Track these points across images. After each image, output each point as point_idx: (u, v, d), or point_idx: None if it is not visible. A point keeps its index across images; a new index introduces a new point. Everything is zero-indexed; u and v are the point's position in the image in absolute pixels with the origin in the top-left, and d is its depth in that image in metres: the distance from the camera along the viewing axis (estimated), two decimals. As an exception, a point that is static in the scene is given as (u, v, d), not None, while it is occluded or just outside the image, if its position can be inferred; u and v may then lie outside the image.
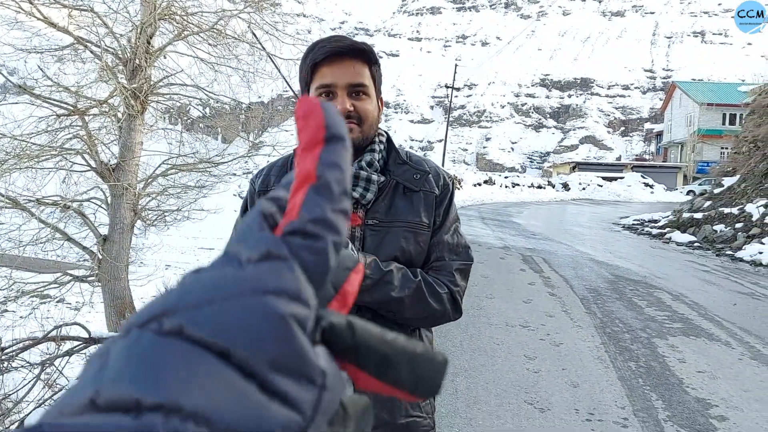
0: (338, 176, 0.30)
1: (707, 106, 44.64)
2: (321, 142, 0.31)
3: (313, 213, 0.29)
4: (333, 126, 0.31)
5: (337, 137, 0.31)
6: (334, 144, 0.31)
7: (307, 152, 0.31)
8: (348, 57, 1.39)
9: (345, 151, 0.31)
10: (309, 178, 0.30)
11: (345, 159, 0.31)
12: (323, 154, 0.30)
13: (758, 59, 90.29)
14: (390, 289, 1.34)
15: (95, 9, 9.14)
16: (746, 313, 6.83)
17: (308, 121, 0.31)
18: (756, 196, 14.51)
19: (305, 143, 0.31)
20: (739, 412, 3.91)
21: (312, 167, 0.30)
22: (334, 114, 0.32)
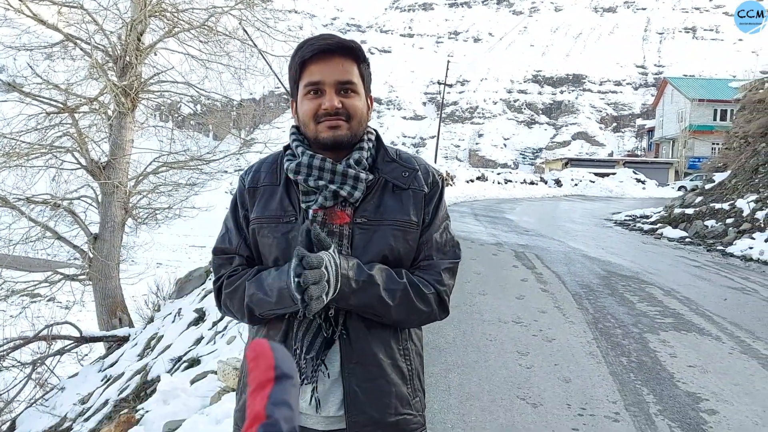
0: (287, 415, 0.31)
1: (698, 102, 44.85)
2: (271, 381, 0.32)
3: None
4: (282, 365, 0.32)
5: (286, 375, 0.32)
6: (284, 382, 0.32)
7: (257, 392, 0.32)
8: (337, 55, 1.39)
9: (294, 389, 0.32)
10: (259, 418, 0.30)
11: (293, 397, 0.32)
12: (273, 394, 0.31)
13: (749, 55, 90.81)
14: (375, 291, 1.33)
15: (85, 6, 9.10)
16: (736, 307, 6.87)
17: (258, 362, 0.33)
18: (746, 192, 14.58)
19: (256, 384, 0.32)
20: (729, 406, 3.93)
21: (261, 407, 0.31)
22: (284, 354, 0.33)
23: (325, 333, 1.38)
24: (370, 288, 1.33)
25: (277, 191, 1.47)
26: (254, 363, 0.32)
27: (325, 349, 1.38)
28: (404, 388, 1.44)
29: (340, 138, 1.40)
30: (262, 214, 1.46)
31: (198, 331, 6.81)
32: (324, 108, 1.38)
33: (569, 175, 37.45)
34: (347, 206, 1.42)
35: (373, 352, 1.39)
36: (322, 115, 1.39)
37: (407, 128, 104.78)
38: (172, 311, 8.55)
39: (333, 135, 1.40)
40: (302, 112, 1.43)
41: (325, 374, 1.38)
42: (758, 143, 16.66)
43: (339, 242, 1.39)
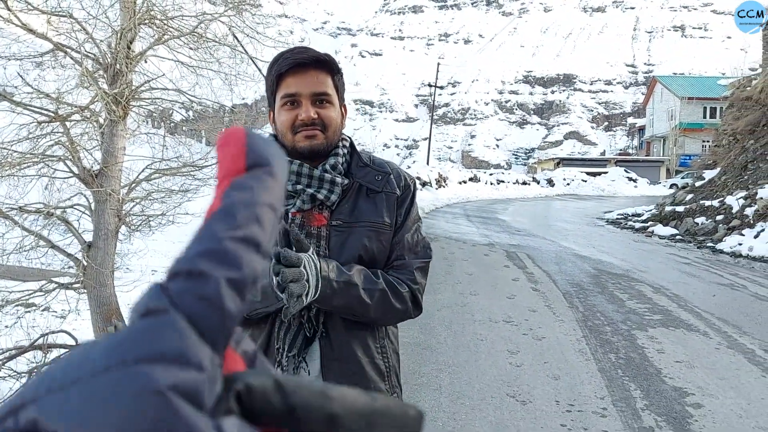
0: (247, 199, 0.24)
1: (688, 100, 45.13)
2: (241, 170, 0.26)
3: (201, 245, 0.24)
4: (257, 150, 0.26)
5: (261, 162, 0.26)
6: (256, 169, 0.26)
7: (221, 181, 0.26)
8: (312, 68, 1.46)
9: (268, 177, 0.25)
10: (213, 205, 0.25)
11: (264, 184, 0.25)
12: (236, 180, 0.25)
13: (737, 53, 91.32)
14: (355, 292, 1.40)
15: (74, 15, 9.11)
16: (725, 303, 6.97)
17: (226, 150, 0.26)
18: (736, 189, 14.73)
19: (222, 173, 0.26)
20: (715, 400, 4.02)
21: (219, 193, 0.25)
22: (260, 140, 0.26)
23: (307, 333, 1.44)
24: (351, 289, 1.39)
25: None
26: (222, 151, 0.26)
27: (305, 347, 1.44)
28: (382, 385, 1.51)
29: (317, 147, 1.47)
30: None
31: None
32: (301, 119, 1.45)
33: (561, 175, 37.63)
34: (324, 209, 1.49)
35: (351, 350, 1.46)
36: (299, 125, 1.45)
37: (399, 130, 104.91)
38: (167, 317, 8.57)
39: (310, 144, 1.46)
40: (280, 123, 1.49)
41: (306, 371, 1.44)
42: (747, 140, 16.82)
43: (317, 243, 1.46)
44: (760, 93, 17.64)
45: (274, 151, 0.27)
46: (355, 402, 0.24)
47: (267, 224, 0.24)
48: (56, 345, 8.98)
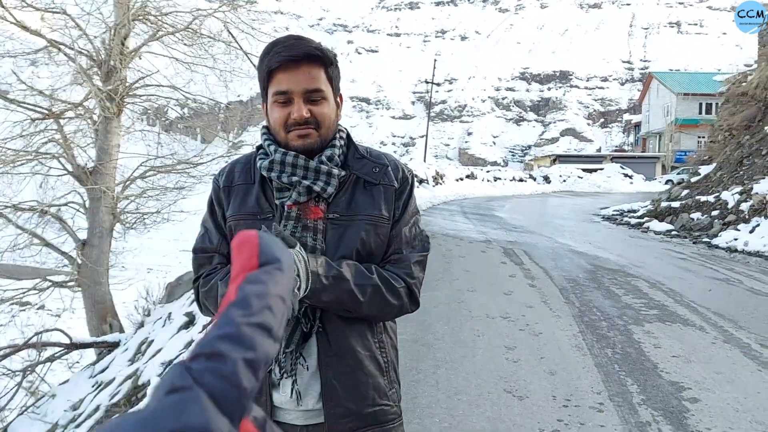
0: (260, 290, 0.28)
1: (684, 96, 45.19)
2: (254, 267, 0.29)
3: (221, 329, 0.27)
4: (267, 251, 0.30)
5: (271, 260, 0.30)
6: (267, 266, 0.29)
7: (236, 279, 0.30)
8: (303, 63, 1.41)
9: (278, 273, 0.29)
10: (229, 297, 0.28)
11: (275, 277, 0.29)
12: (250, 275, 0.29)
13: (733, 49, 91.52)
14: (346, 286, 1.36)
15: (68, 11, 9.08)
16: (721, 298, 6.97)
17: (240, 250, 0.30)
18: (731, 184, 14.74)
19: (237, 271, 0.30)
20: (711, 394, 4.01)
21: (234, 288, 0.28)
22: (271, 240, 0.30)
23: (304, 328, 1.42)
24: (341, 283, 1.36)
25: (252, 189, 1.51)
26: (237, 251, 0.30)
27: (302, 343, 1.42)
28: (381, 380, 1.48)
29: (310, 146, 1.44)
30: (239, 211, 1.50)
31: (188, 335, 6.82)
32: (293, 118, 1.41)
33: (558, 172, 37.68)
34: (320, 201, 1.46)
35: (349, 344, 1.44)
36: (292, 124, 1.42)
37: (396, 128, 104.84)
38: (162, 316, 8.55)
39: (303, 143, 1.44)
40: (272, 120, 1.46)
41: (304, 367, 1.42)
42: (742, 136, 16.85)
43: (314, 236, 1.43)
44: (755, 89, 17.66)
45: (282, 250, 0.31)
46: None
47: (278, 312, 0.28)
48: (51, 343, 8.95)
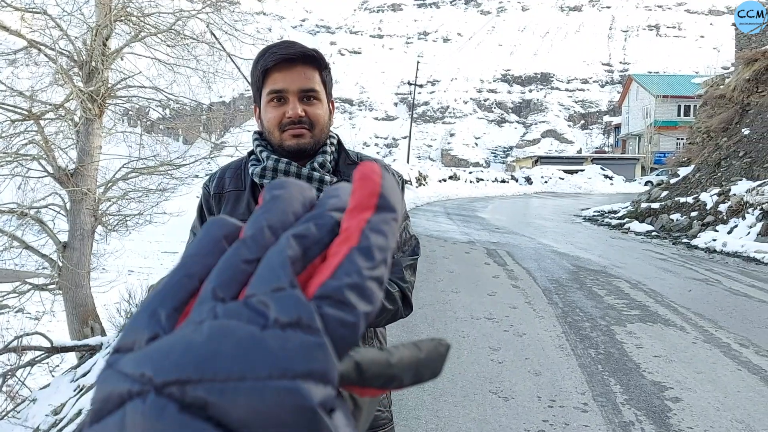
0: (382, 243, 0.28)
1: (663, 99, 45.74)
2: (372, 208, 0.29)
3: (351, 278, 0.27)
4: (388, 196, 0.30)
5: (389, 208, 0.29)
6: (385, 213, 0.29)
7: (355, 213, 0.29)
8: (299, 63, 1.43)
9: (394, 223, 0.29)
10: (351, 238, 0.28)
11: (392, 230, 0.29)
12: (372, 219, 0.29)
13: (710, 51, 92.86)
14: None
15: (48, 11, 8.97)
16: (700, 298, 7.08)
17: (364, 183, 0.30)
18: (709, 185, 14.97)
19: (355, 203, 0.29)
20: (692, 393, 4.08)
21: (357, 229, 0.28)
22: (392, 185, 0.30)
23: None
24: None
25: (243, 196, 1.51)
26: (360, 183, 0.29)
27: None
28: None
29: (304, 146, 1.45)
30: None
31: (172, 337, 6.78)
32: (288, 116, 1.42)
33: (539, 173, 37.93)
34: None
35: None
36: (287, 123, 1.43)
37: (379, 129, 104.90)
38: (145, 318, 8.47)
39: (297, 143, 1.44)
40: (266, 120, 1.46)
41: None
42: (720, 138, 17.11)
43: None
44: (732, 91, 17.95)
45: (398, 199, 0.31)
46: (408, 360, 0.29)
47: (389, 266, 0.28)
48: (31, 347, 8.84)
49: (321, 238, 0.29)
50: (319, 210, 0.30)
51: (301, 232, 0.29)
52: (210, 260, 0.29)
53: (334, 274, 0.27)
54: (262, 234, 0.29)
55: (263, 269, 0.27)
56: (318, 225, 0.29)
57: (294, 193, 0.31)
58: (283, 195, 0.31)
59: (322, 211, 0.30)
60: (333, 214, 0.30)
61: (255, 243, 0.29)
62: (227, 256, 0.28)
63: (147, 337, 0.26)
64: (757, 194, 11.86)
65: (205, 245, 0.30)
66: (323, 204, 0.31)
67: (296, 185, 0.32)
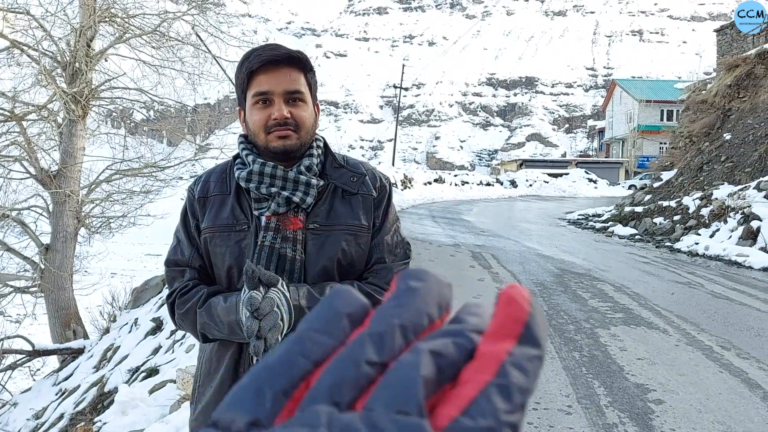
0: (523, 384, 0.25)
1: (646, 103, 46.21)
2: (515, 337, 0.26)
3: (486, 419, 0.24)
4: (535, 327, 0.27)
5: (535, 342, 0.26)
6: (530, 348, 0.26)
7: (496, 339, 0.26)
8: (284, 65, 1.42)
9: (538, 362, 0.26)
10: (487, 369, 0.25)
11: (536, 371, 0.26)
12: (515, 351, 0.26)
13: (692, 57, 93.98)
14: None
15: (31, 12, 8.89)
16: (683, 301, 7.16)
17: (509, 306, 0.27)
18: (692, 189, 15.15)
19: (497, 327, 0.27)
20: (675, 395, 4.12)
21: (497, 360, 0.25)
22: (542, 318, 0.27)
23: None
24: None
25: (227, 200, 1.49)
26: (504, 304, 0.27)
27: None
28: None
29: (290, 147, 1.44)
30: (214, 223, 1.47)
31: (156, 341, 6.73)
32: (273, 118, 1.41)
33: (524, 176, 38.13)
34: (299, 212, 1.45)
35: None
36: (272, 125, 1.42)
37: (365, 132, 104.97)
38: (129, 321, 8.42)
39: (283, 144, 1.43)
40: (252, 122, 1.46)
41: None
42: (702, 142, 17.32)
43: (293, 247, 1.43)
44: (714, 96, 18.18)
45: (545, 334, 0.28)
46: None
47: (525, 413, 0.25)
48: (12, 351, 8.74)
49: (458, 360, 0.26)
50: (457, 326, 0.27)
51: (439, 349, 0.25)
52: (329, 340, 0.27)
53: (467, 411, 0.24)
54: (392, 335, 0.26)
55: (392, 383, 0.24)
56: (457, 345, 0.26)
57: (432, 289, 0.29)
58: (421, 290, 0.28)
59: (462, 328, 0.27)
60: (473, 336, 0.26)
61: (383, 344, 0.26)
62: (350, 351, 0.26)
63: (247, 421, 0.24)
64: (739, 198, 12.02)
65: (326, 321, 0.27)
66: (463, 320, 0.27)
67: (435, 280, 0.29)
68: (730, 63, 18.25)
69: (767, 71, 16.54)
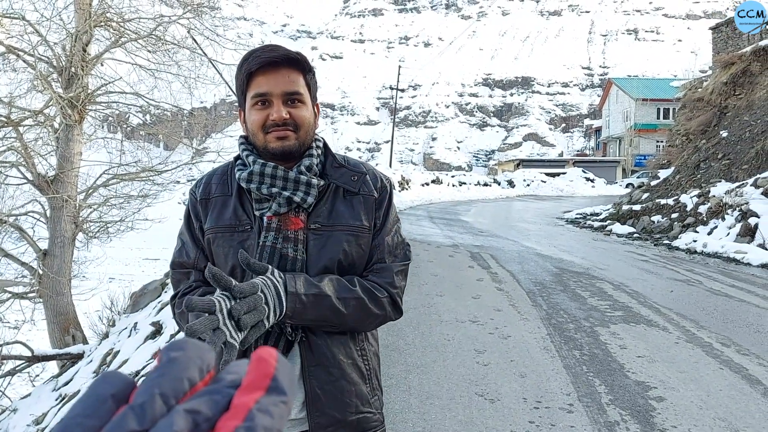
0: (268, 424, 0.28)
1: (642, 102, 46.30)
2: (263, 389, 0.29)
3: None
4: (280, 379, 0.30)
5: (280, 390, 0.29)
6: (276, 396, 0.29)
7: (246, 392, 0.29)
8: (283, 66, 1.43)
9: (283, 406, 0.29)
10: (237, 416, 0.27)
11: (281, 413, 0.29)
12: (262, 400, 0.29)
13: (688, 55, 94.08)
14: (328, 303, 1.37)
15: (27, 17, 8.87)
16: (682, 298, 7.17)
17: (259, 364, 0.30)
18: (689, 187, 15.17)
19: (248, 382, 0.29)
20: (676, 393, 4.12)
21: (245, 408, 0.28)
22: (288, 371, 0.31)
23: (289, 336, 1.42)
24: (322, 300, 1.36)
25: (229, 201, 1.50)
26: (254, 365, 0.30)
27: (286, 352, 1.42)
28: (364, 387, 1.49)
29: (289, 148, 1.44)
30: (217, 224, 1.48)
31: (155, 345, 6.72)
32: (272, 119, 1.42)
33: (521, 176, 38.18)
34: (301, 212, 1.46)
35: (332, 353, 1.44)
36: (271, 125, 1.42)
37: (361, 133, 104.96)
38: (128, 326, 8.40)
39: (282, 145, 1.44)
40: (251, 123, 1.46)
41: None
42: (699, 140, 17.35)
43: (294, 247, 1.43)
44: (710, 94, 18.22)
45: (292, 384, 0.31)
46: None
47: None
48: (11, 356, 8.71)
49: (214, 415, 0.28)
50: (217, 385, 0.30)
51: (194, 407, 0.28)
52: (93, 422, 0.27)
53: None
54: (152, 403, 0.27)
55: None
56: (213, 401, 0.28)
57: (191, 355, 0.30)
58: (180, 358, 0.30)
59: (220, 386, 0.29)
60: (231, 391, 0.29)
61: (143, 412, 0.27)
62: (112, 426, 0.27)
63: None
64: (736, 195, 12.04)
65: (90, 405, 0.28)
66: (221, 379, 0.30)
67: (195, 347, 0.31)
68: (726, 60, 18.28)
69: (763, 68, 16.58)
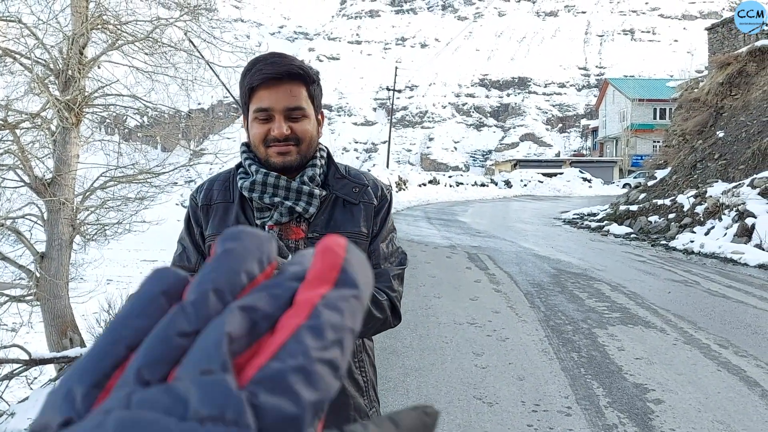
0: (336, 322, 0.25)
1: (639, 102, 46.39)
2: (331, 282, 0.26)
3: (295, 359, 0.23)
4: (351, 271, 0.27)
5: (351, 284, 0.26)
6: (345, 289, 0.26)
7: (311, 286, 0.26)
8: (285, 81, 1.41)
9: (354, 301, 0.26)
10: (301, 314, 0.25)
11: (352, 309, 0.26)
12: (329, 294, 0.26)
13: (684, 55, 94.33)
14: None
15: (23, 20, 8.84)
16: (679, 300, 7.18)
17: (325, 254, 0.27)
18: (686, 187, 15.20)
19: (313, 275, 0.26)
20: (674, 395, 4.13)
21: (309, 304, 0.25)
22: (359, 261, 0.27)
23: None
24: None
25: (231, 208, 1.50)
26: (320, 255, 0.26)
27: None
28: (361, 400, 1.49)
29: (290, 163, 1.44)
30: (218, 230, 1.48)
31: (153, 348, 6.71)
32: (273, 134, 1.41)
33: (518, 176, 38.21)
34: (302, 222, 1.46)
35: None
36: (272, 140, 1.42)
37: (358, 134, 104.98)
38: (126, 329, 8.37)
39: (283, 160, 1.43)
40: (252, 135, 1.46)
41: None
42: (695, 140, 17.39)
43: None
44: (707, 94, 18.26)
45: (365, 277, 0.27)
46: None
47: (347, 349, 0.25)
48: (8, 360, 8.68)
49: (274, 312, 0.25)
50: (278, 278, 0.27)
51: (250, 304, 0.25)
52: (143, 322, 0.25)
53: (277, 355, 0.23)
54: (205, 300, 0.25)
55: (198, 346, 0.23)
56: (273, 296, 0.25)
57: (250, 246, 0.27)
58: (236, 249, 0.27)
59: (281, 279, 0.26)
60: (293, 285, 0.26)
61: (196, 311, 0.25)
62: (161, 327, 0.24)
63: (59, 422, 0.23)
64: (733, 196, 12.07)
65: (140, 304, 0.26)
66: (284, 271, 0.27)
67: (253, 236, 0.28)
68: (722, 61, 18.33)
69: (759, 69, 16.63)
